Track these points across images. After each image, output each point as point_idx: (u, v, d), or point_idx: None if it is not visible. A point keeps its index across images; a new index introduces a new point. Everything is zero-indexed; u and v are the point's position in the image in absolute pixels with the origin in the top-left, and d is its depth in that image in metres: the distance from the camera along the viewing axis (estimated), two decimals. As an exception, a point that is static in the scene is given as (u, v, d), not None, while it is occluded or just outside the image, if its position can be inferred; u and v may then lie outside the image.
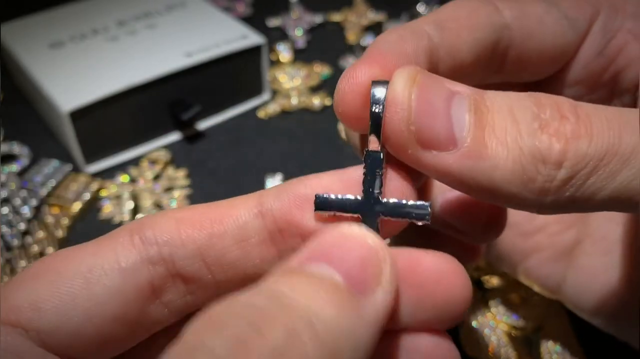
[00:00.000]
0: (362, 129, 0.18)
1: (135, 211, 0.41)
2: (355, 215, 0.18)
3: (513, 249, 0.29)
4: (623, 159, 0.16)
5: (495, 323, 0.33)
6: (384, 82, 0.17)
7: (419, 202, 0.18)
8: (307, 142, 0.47)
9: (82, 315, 0.17)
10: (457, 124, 0.17)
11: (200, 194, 0.43)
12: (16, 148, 0.46)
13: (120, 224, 0.41)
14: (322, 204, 0.18)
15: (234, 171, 0.45)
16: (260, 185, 0.43)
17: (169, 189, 0.43)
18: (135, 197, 0.42)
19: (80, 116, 0.41)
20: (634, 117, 0.17)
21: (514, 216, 0.28)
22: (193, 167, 0.45)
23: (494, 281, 0.35)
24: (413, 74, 0.17)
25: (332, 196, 0.18)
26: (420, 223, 0.18)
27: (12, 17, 0.50)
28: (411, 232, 0.28)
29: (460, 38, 0.20)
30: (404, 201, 0.18)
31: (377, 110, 0.17)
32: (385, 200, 0.18)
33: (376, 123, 0.17)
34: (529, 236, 0.28)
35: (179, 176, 0.44)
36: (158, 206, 0.42)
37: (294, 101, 0.51)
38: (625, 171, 0.16)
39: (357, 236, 0.16)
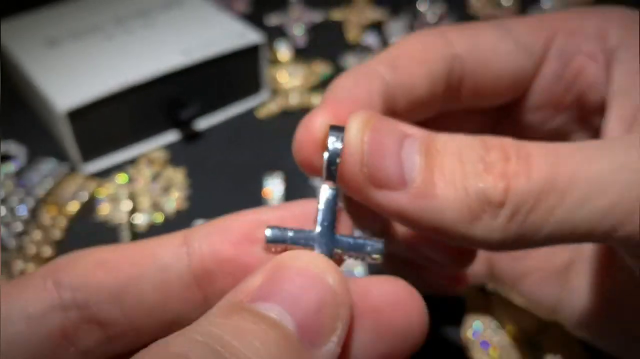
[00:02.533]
0: (319, 173, 0.19)
1: (133, 211, 0.41)
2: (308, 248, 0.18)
3: (506, 272, 0.29)
4: (561, 192, 0.16)
5: (498, 326, 0.32)
6: (340, 128, 0.18)
7: (374, 239, 0.18)
8: (306, 141, 0.47)
9: None
10: (408, 165, 0.17)
11: (199, 194, 0.43)
12: (13, 148, 0.45)
13: (118, 224, 0.40)
14: (274, 236, 0.17)
15: (233, 171, 0.45)
16: (259, 185, 0.43)
17: (167, 189, 0.43)
18: (133, 197, 0.42)
19: (77, 115, 0.41)
20: (572, 149, 0.17)
21: None
22: (192, 167, 0.45)
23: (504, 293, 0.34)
24: (367, 118, 0.18)
25: (285, 228, 0.17)
26: (372, 260, 0.18)
27: (8, 14, 0.50)
28: (394, 264, 0.28)
29: (413, 74, 0.21)
30: (358, 237, 0.18)
31: (331, 151, 0.18)
32: (339, 235, 0.18)
33: (330, 164, 0.18)
34: (520, 258, 0.28)
35: (178, 175, 0.44)
36: (156, 206, 0.42)
37: (294, 101, 0.50)
38: (564, 203, 0.16)
39: (316, 273, 0.15)
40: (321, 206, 0.18)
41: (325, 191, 0.18)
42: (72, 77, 0.43)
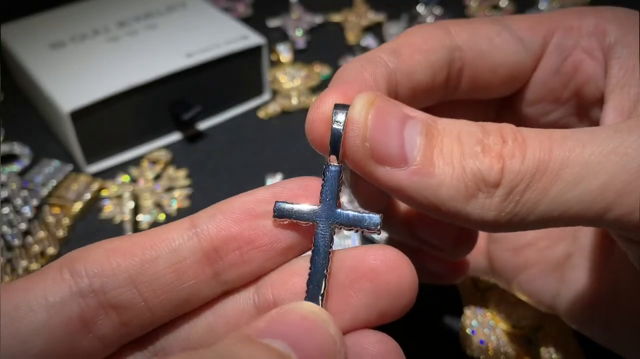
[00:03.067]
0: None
1: (136, 210, 0.42)
2: (311, 223, 0.19)
3: (505, 264, 0.29)
4: (554, 173, 0.17)
5: (494, 323, 0.33)
6: (345, 106, 0.19)
7: (371, 214, 0.19)
8: (307, 142, 0.47)
9: (7, 354, 0.16)
10: (409, 144, 0.18)
11: (200, 194, 0.43)
12: (17, 148, 0.46)
13: (120, 223, 0.41)
14: (280, 211, 0.18)
15: (234, 171, 0.45)
16: (260, 184, 0.43)
17: (169, 189, 0.43)
18: (135, 197, 0.42)
19: (80, 116, 0.41)
20: (565, 134, 0.18)
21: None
22: (193, 167, 0.45)
23: (501, 285, 0.35)
24: (371, 97, 0.19)
25: (291, 204, 0.19)
26: (371, 233, 0.19)
27: (13, 17, 0.51)
28: (402, 249, 0.29)
29: (414, 61, 0.22)
30: (357, 212, 0.19)
31: (336, 127, 0.19)
32: (339, 210, 0.19)
33: (335, 140, 0.19)
34: (519, 251, 0.29)
35: (180, 176, 0.44)
36: (158, 205, 0.42)
37: (294, 101, 0.51)
38: (557, 184, 0.17)
39: (320, 322, 0.16)
40: (324, 182, 0.19)
41: (329, 168, 0.19)
42: (76, 78, 0.43)
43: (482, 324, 0.33)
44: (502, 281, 0.31)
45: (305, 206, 0.19)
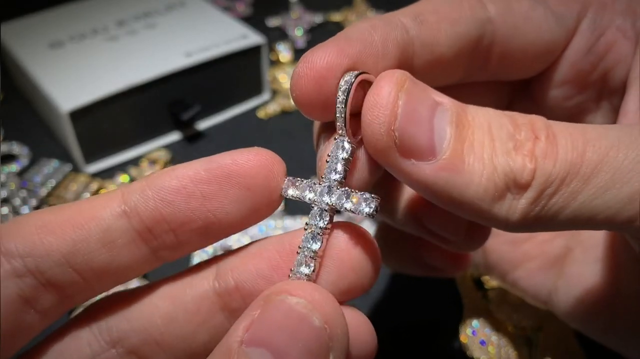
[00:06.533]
0: (315, 114, 0.19)
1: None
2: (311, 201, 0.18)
3: (502, 258, 0.28)
4: (584, 178, 0.16)
5: (495, 324, 0.33)
6: (358, 73, 0.17)
7: (367, 195, 0.17)
8: (307, 142, 0.47)
9: None
10: (438, 135, 0.17)
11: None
12: (16, 148, 0.46)
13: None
14: (287, 189, 0.18)
15: (233, 171, 0.45)
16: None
17: (168, 189, 0.43)
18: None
19: (79, 116, 0.41)
20: (600, 132, 0.17)
21: None
22: (193, 167, 0.45)
23: (494, 281, 0.35)
24: (402, 78, 0.17)
25: (301, 181, 0.18)
26: (367, 217, 0.17)
27: (12, 17, 0.50)
28: (395, 243, 0.28)
29: (440, 32, 0.20)
30: (355, 194, 0.17)
31: (342, 98, 0.17)
32: (338, 189, 0.17)
33: (341, 111, 0.17)
34: (518, 244, 0.28)
35: (179, 176, 0.44)
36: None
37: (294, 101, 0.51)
38: (586, 190, 0.16)
39: (303, 315, 0.15)
40: (330, 157, 0.18)
41: (337, 141, 0.18)
42: (75, 78, 0.43)
43: (483, 325, 0.33)
44: (495, 274, 0.29)
45: (309, 185, 0.18)
